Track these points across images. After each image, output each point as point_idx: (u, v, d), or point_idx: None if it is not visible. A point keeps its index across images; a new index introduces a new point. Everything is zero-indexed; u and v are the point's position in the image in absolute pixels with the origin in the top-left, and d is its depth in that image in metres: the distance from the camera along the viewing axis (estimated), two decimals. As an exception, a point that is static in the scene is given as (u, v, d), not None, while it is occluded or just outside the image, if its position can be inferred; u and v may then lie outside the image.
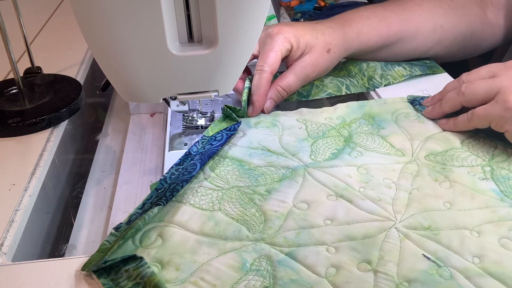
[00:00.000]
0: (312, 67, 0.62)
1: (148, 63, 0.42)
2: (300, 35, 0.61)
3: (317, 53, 0.62)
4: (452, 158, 0.52)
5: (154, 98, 0.46)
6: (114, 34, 0.40)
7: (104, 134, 0.70)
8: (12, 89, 0.63)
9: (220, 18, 0.40)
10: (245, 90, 0.60)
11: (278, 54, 0.60)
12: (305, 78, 0.62)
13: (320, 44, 0.62)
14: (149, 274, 0.37)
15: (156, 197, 0.46)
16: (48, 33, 0.89)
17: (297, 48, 0.61)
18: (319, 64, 0.63)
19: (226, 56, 0.43)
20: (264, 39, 0.61)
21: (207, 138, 0.55)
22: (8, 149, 0.55)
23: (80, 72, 0.73)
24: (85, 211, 0.56)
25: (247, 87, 0.61)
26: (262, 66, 0.59)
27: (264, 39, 0.61)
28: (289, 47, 0.60)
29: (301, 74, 0.62)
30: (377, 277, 0.38)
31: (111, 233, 0.41)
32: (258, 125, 0.59)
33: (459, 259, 0.40)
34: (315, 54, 0.62)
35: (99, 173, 0.62)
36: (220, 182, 0.49)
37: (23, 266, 0.40)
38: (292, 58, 0.62)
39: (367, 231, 0.43)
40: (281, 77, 0.62)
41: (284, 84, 0.61)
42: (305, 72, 0.62)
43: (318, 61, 0.62)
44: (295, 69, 0.62)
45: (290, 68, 0.62)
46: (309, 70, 0.62)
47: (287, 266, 0.40)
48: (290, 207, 0.46)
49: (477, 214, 0.44)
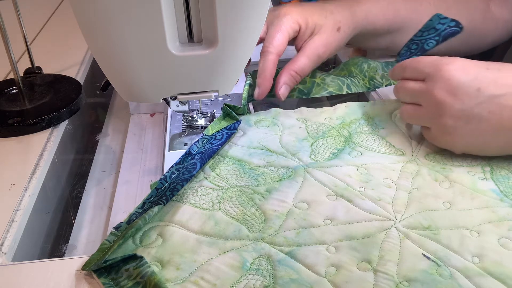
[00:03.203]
0: (324, 47, 0.60)
1: (148, 63, 0.42)
2: (309, 15, 0.60)
3: (327, 33, 0.60)
4: (452, 157, 0.52)
5: (154, 98, 0.46)
6: (114, 34, 0.40)
7: (104, 134, 0.70)
8: (12, 89, 0.63)
9: (220, 18, 0.40)
10: (245, 87, 0.60)
11: (285, 35, 0.58)
12: (317, 59, 0.61)
13: (330, 23, 0.60)
14: (149, 274, 0.38)
15: (156, 197, 0.46)
16: (48, 33, 0.89)
17: (306, 28, 0.59)
18: (330, 43, 0.61)
19: (226, 56, 0.43)
20: (271, 20, 0.60)
21: (207, 137, 0.55)
22: (8, 149, 0.55)
23: (80, 72, 0.73)
24: (85, 211, 0.56)
25: (248, 83, 0.60)
26: (267, 48, 0.58)
27: (271, 20, 0.60)
28: (297, 28, 0.59)
29: (313, 55, 0.60)
30: (377, 277, 0.39)
31: (111, 232, 0.41)
32: (258, 123, 0.59)
33: (459, 259, 0.40)
34: (325, 34, 0.60)
35: (99, 173, 0.62)
36: (220, 181, 0.49)
37: (23, 266, 0.40)
38: (301, 40, 0.60)
39: (367, 231, 0.43)
40: (293, 61, 0.60)
41: (297, 67, 0.60)
42: (316, 53, 0.60)
43: (329, 41, 0.61)
44: (306, 51, 0.60)
45: (301, 51, 0.61)
46: (320, 51, 0.60)
47: (287, 266, 0.40)
48: (290, 207, 0.46)
49: (477, 214, 0.44)
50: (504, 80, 0.46)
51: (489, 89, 0.46)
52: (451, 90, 0.47)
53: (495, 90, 0.46)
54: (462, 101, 0.47)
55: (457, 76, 0.47)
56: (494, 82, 0.46)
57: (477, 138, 0.48)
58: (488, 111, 0.46)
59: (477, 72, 0.47)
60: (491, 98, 0.46)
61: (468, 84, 0.46)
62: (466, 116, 0.47)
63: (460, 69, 0.48)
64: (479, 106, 0.46)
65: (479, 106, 0.46)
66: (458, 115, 0.47)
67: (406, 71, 0.52)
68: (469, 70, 0.47)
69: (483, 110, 0.46)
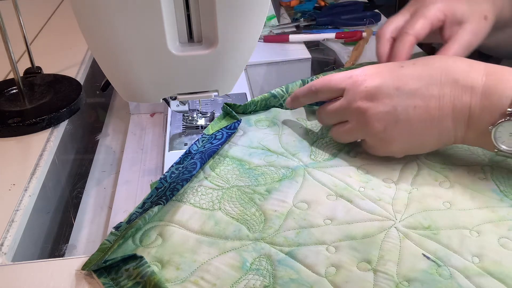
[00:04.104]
0: (475, 36, 0.59)
1: (148, 63, 0.42)
2: (455, 4, 0.59)
3: (476, 21, 0.59)
4: (452, 157, 0.52)
5: (154, 98, 0.46)
6: (114, 34, 0.40)
7: (104, 134, 0.70)
8: (12, 89, 0.63)
9: (220, 18, 0.40)
10: (297, 83, 0.60)
11: (428, 22, 0.58)
12: (468, 46, 0.59)
13: (477, 11, 0.59)
14: (149, 274, 0.38)
15: (156, 196, 0.46)
16: (48, 33, 0.89)
17: (453, 18, 0.59)
18: (480, 32, 0.60)
19: (226, 56, 0.43)
20: (416, 9, 0.59)
21: (207, 136, 0.55)
22: (8, 149, 0.55)
23: (80, 72, 0.73)
24: (85, 211, 0.56)
25: (300, 82, 0.60)
26: (407, 29, 0.57)
27: (415, 9, 0.59)
28: (442, 17, 0.58)
29: (465, 42, 0.59)
30: (377, 277, 0.39)
31: (111, 232, 0.41)
32: (258, 123, 0.59)
33: (459, 259, 0.40)
34: (475, 23, 0.59)
35: (99, 173, 0.62)
36: (220, 181, 0.49)
37: (23, 266, 0.41)
38: (448, 29, 0.60)
39: (367, 231, 0.43)
40: (444, 49, 0.59)
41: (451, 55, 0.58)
42: (468, 40, 0.59)
43: (479, 29, 0.59)
44: (458, 39, 0.59)
45: (452, 40, 0.59)
46: (472, 39, 0.59)
47: (287, 266, 0.40)
48: (290, 207, 0.46)
49: (477, 214, 0.44)
50: (421, 72, 0.46)
51: (408, 84, 0.46)
52: (370, 96, 0.47)
53: (414, 84, 0.46)
54: (384, 103, 0.46)
55: (373, 82, 0.47)
56: (411, 77, 0.46)
57: (411, 136, 0.47)
58: (414, 106, 0.46)
59: (391, 72, 0.47)
60: (412, 92, 0.46)
61: (386, 85, 0.46)
62: (392, 116, 0.46)
63: (374, 74, 0.48)
64: (402, 103, 0.46)
65: (402, 104, 0.46)
66: (385, 118, 0.46)
67: (319, 94, 0.52)
68: (383, 73, 0.47)
69: (408, 107, 0.46)
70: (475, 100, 0.44)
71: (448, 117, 0.45)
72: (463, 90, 0.45)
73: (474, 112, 0.45)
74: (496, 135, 0.44)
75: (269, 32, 0.89)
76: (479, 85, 0.45)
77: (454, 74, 0.46)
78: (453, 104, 0.45)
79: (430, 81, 0.46)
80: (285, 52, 0.81)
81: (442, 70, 0.46)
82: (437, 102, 0.45)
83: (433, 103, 0.45)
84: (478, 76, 0.45)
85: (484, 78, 0.45)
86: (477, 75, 0.45)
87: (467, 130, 0.46)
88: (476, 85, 0.45)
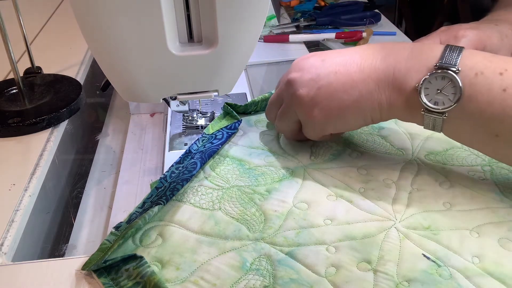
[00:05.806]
0: None
1: (148, 63, 0.42)
2: (487, 38, 0.58)
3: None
4: (452, 158, 0.52)
5: (154, 98, 0.46)
6: (114, 34, 0.40)
7: (104, 134, 0.70)
8: (12, 89, 0.63)
9: (220, 18, 0.40)
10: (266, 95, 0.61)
11: None
12: None
13: (506, 46, 0.59)
14: (149, 274, 0.38)
15: (156, 196, 0.46)
16: (48, 33, 0.89)
17: None
18: None
19: (226, 56, 0.43)
20: (447, 40, 0.59)
21: (207, 136, 0.55)
22: (8, 149, 0.55)
23: (80, 72, 0.73)
24: (85, 211, 0.56)
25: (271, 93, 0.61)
26: None
27: (446, 40, 0.59)
28: None
29: None
30: (377, 277, 0.39)
31: (111, 232, 0.41)
32: (258, 123, 0.59)
33: (459, 259, 0.40)
34: None
35: (99, 173, 0.62)
36: (220, 181, 0.49)
37: (23, 266, 0.41)
38: None
39: (367, 231, 0.43)
40: None
41: None
42: None
43: None
44: None
45: None
46: None
47: (287, 266, 0.40)
48: (290, 207, 0.46)
49: (477, 214, 0.44)
50: (349, 49, 0.49)
51: (333, 57, 0.48)
52: (299, 68, 0.49)
53: (338, 56, 0.48)
54: (309, 72, 0.48)
55: (302, 59, 0.50)
56: (337, 53, 0.49)
57: (332, 100, 0.47)
58: (335, 71, 0.47)
59: (320, 53, 0.50)
60: (336, 62, 0.48)
61: (314, 59, 0.49)
62: (315, 82, 0.48)
63: (305, 56, 0.50)
64: (325, 70, 0.47)
65: (325, 71, 0.47)
66: (309, 84, 0.48)
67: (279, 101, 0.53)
68: (313, 55, 0.50)
69: (330, 72, 0.47)
70: (400, 61, 0.45)
71: (370, 79, 0.46)
72: (387, 54, 0.46)
73: (399, 72, 0.45)
74: (424, 92, 0.43)
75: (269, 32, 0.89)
76: (404, 49, 0.46)
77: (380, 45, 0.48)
78: (374, 66, 0.46)
79: (354, 52, 0.48)
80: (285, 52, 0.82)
81: (369, 45, 0.49)
82: (358, 66, 0.47)
83: (354, 67, 0.47)
84: (405, 45, 0.46)
85: (410, 46, 0.46)
86: (403, 45, 0.46)
87: (392, 93, 0.45)
88: (402, 50, 0.46)
